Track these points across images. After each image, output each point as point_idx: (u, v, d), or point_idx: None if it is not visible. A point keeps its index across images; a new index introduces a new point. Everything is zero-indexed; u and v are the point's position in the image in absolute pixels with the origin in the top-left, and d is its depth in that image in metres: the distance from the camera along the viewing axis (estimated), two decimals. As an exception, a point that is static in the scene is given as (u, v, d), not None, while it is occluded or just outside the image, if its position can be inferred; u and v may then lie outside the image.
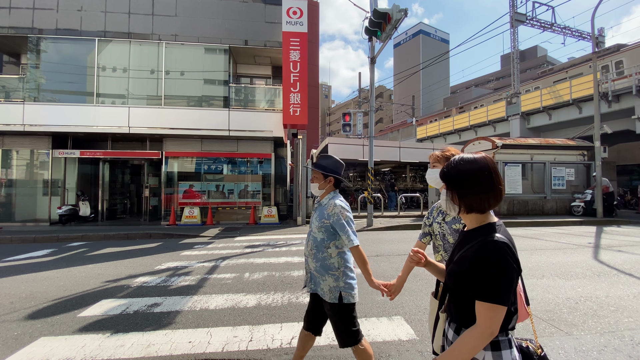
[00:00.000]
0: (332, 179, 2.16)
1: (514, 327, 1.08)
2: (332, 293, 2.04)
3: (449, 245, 1.78)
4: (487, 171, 1.10)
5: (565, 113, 18.44)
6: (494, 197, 1.09)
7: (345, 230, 2.01)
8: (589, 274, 4.73)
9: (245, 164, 12.29)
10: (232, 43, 11.31)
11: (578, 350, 2.59)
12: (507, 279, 0.99)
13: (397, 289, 1.82)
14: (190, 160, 12.10)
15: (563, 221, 10.57)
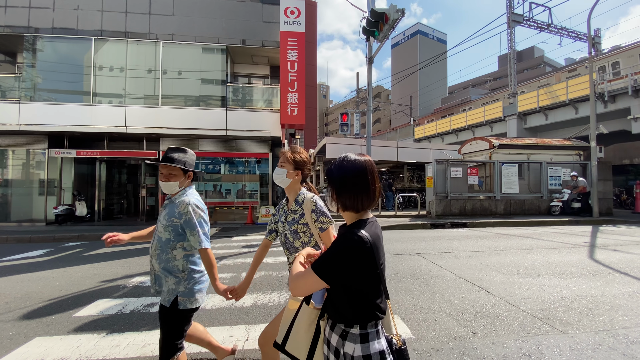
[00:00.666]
0: (192, 174, 2.05)
1: (381, 318, 1.14)
2: (167, 295, 1.91)
3: (290, 244, 1.82)
4: (364, 173, 1.16)
5: (562, 113, 18.56)
6: (367, 198, 1.17)
7: (195, 231, 1.88)
8: (584, 273, 4.76)
9: (243, 164, 12.27)
10: (229, 43, 11.30)
11: (573, 349, 2.61)
12: (336, 260, 1.08)
13: (241, 291, 1.96)
14: (187, 160, 12.05)
15: (559, 221, 10.62)
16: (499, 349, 2.63)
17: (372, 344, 1.10)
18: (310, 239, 1.80)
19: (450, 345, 2.69)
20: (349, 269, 1.08)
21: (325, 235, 1.74)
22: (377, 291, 1.14)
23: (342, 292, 1.13)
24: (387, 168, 22.46)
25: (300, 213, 1.80)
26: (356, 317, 1.12)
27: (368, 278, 1.11)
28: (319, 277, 1.09)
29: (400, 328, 3.00)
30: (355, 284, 1.11)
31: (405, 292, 3.99)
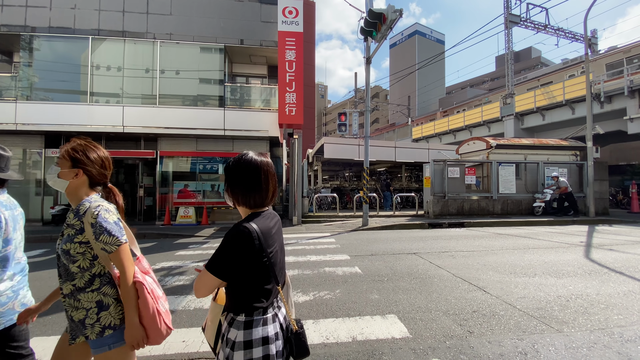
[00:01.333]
0: None
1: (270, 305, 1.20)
2: None
3: (63, 268, 1.39)
4: (257, 172, 1.22)
5: (559, 114, 18.66)
6: (259, 196, 1.24)
7: None
8: (580, 272, 4.80)
9: (241, 164, 12.24)
10: (227, 42, 11.29)
11: (568, 347, 2.63)
12: (224, 254, 1.13)
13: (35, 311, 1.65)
14: (185, 159, 12.04)
15: (556, 220, 10.68)
16: (495, 347, 2.65)
17: (256, 330, 1.14)
18: (92, 262, 1.37)
19: (447, 344, 2.71)
20: (235, 260, 1.13)
21: (115, 258, 1.35)
22: (265, 279, 1.18)
23: (231, 283, 1.17)
24: (384, 168, 22.50)
25: (79, 228, 1.36)
26: (242, 305, 1.16)
27: (255, 267, 1.15)
28: (212, 275, 1.14)
29: (397, 327, 3.02)
30: (243, 274, 1.15)
31: (403, 292, 4.01)
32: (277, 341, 1.17)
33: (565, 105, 17.94)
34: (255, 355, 1.11)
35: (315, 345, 2.72)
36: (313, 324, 3.12)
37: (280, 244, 1.30)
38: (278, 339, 1.18)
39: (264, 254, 1.16)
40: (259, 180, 1.23)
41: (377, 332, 2.94)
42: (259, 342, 1.13)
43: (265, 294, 1.18)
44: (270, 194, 1.27)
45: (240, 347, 1.11)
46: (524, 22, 22.66)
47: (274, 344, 1.15)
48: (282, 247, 1.32)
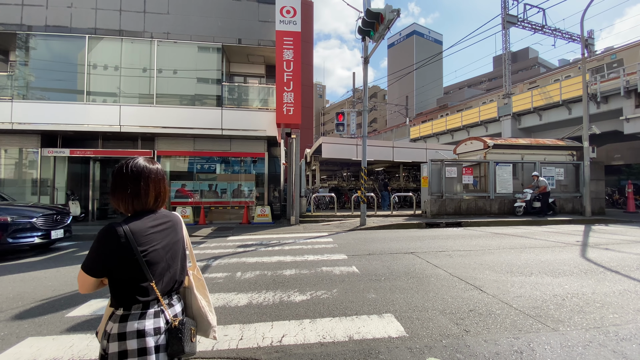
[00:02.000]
0: None
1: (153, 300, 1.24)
2: None
3: None
4: (137, 179, 1.28)
5: (555, 114, 18.73)
6: (138, 202, 1.29)
7: None
8: (576, 271, 4.82)
9: (239, 164, 12.24)
10: (225, 42, 11.26)
11: (564, 346, 2.64)
12: (93, 253, 1.19)
13: None
14: (182, 159, 12.02)
15: (553, 220, 10.73)
16: (491, 346, 2.65)
17: (131, 323, 1.18)
18: None
19: (443, 343, 2.71)
20: (102, 258, 1.19)
21: None
22: (140, 277, 1.21)
23: (109, 279, 1.23)
24: (382, 168, 22.53)
25: None
26: (120, 300, 1.21)
27: (125, 265, 1.19)
28: (84, 272, 1.20)
29: (394, 326, 3.02)
30: (115, 271, 1.20)
31: (400, 291, 4.01)
32: (158, 335, 1.21)
33: (562, 105, 18.02)
34: (129, 347, 1.16)
35: (311, 344, 2.72)
36: (310, 324, 3.12)
37: (166, 244, 1.31)
38: (159, 333, 1.21)
39: (133, 253, 1.18)
40: (139, 187, 1.28)
41: (374, 331, 2.94)
42: (133, 335, 1.17)
43: (141, 290, 1.21)
44: (152, 199, 1.32)
45: (115, 338, 1.17)
46: (521, 23, 22.74)
47: (151, 338, 1.18)
48: (170, 248, 1.33)
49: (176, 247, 1.37)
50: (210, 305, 1.51)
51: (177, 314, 1.32)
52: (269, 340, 2.80)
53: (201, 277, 1.55)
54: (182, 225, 1.47)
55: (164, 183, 1.39)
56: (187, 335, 1.24)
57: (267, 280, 4.59)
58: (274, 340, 2.80)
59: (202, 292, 1.51)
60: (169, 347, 1.22)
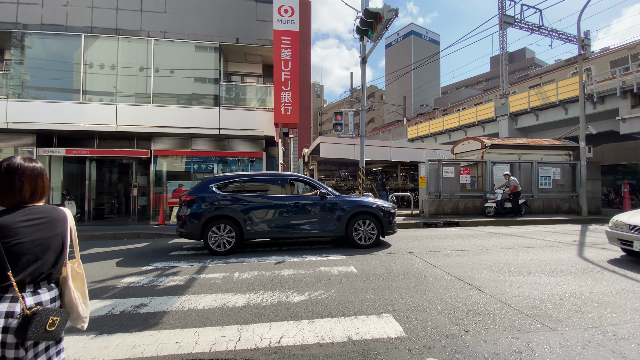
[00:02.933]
0: None
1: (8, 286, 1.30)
2: None
3: None
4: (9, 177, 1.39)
5: (552, 114, 18.83)
6: (11, 198, 1.40)
7: None
8: (574, 270, 4.83)
9: (236, 163, 12.19)
10: (222, 41, 11.21)
11: (562, 346, 2.64)
12: None
13: None
14: (179, 159, 11.95)
15: (550, 219, 10.78)
16: (490, 346, 2.65)
17: None
18: None
19: (442, 343, 2.70)
20: None
21: None
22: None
23: None
24: (380, 167, 22.55)
25: None
26: None
27: None
28: None
29: (393, 327, 3.01)
30: None
31: (398, 291, 4.00)
32: (10, 319, 1.28)
33: (559, 105, 18.11)
34: None
35: (310, 345, 2.70)
36: (308, 324, 3.09)
37: (35, 238, 1.39)
38: (11, 317, 1.29)
39: None
40: (11, 184, 1.39)
41: (373, 331, 2.93)
42: None
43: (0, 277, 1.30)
44: (27, 195, 1.43)
45: None
46: (518, 23, 22.81)
47: (2, 319, 1.27)
48: (42, 242, 1.41)
49: (49, 242, 1.45)
50: (84, 298, 1.62)
51: (41, 302, 1.40)
52: (267, 341, 2.77)
53: (80, 271, 1.65)
54: (65, 221, 1.54)
55: (42, 180, 1.48)
56: (37, 323, 1.29)
57: (265, 280, 4.56)
58: (272, 341, 2.77)
59: (78, 284, 1.61)
60: (17, 331, 1.29)
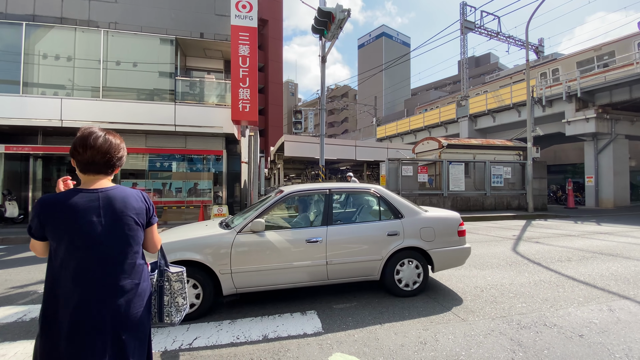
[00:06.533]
0: None
1: None
2: None
3: None
4: None
5: (507, 116, 19.89)
6: None
7: None
8: (502, 263, 5.12)
9: (195, 161, 11.84)
10: (179, 34, 10.82)
11: (466, 335, 2.78)
12: None
13: None
14: (133, 156, 11.41)
15: (499, 216, 11.38)
16: (399, 338, 2.74)
17: None
18: None
19: (355, 337, 2.76)
20: None
21: None
22: None
23: None
24: (348, 166, 22.83)
25: None
26: None
27: None
28: None
29: (313, 323, 3.04)
30: None
31: (332, 288, 4.04)
32: None
33: (513, 108, 19.17)
34: None
35: (222, 345, 2.67)
36: (229, 325, 3.05)
37: None
38: None
39: None
40: None
41: (291, 329, 2.94)
42: None
43: None
44: None
45: None
46: (478, 29, 23.90)
47: None
48: None
49: None
50: None
51: None
52: (179, 343, 2.70)
53: None
54: None
55: None
56: None
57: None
58: (184, 343, 2.71)
59: None
60: None
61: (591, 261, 5.24)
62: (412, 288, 3.70)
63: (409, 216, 3.86)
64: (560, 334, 2.79)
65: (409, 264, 3.72)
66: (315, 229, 3.58)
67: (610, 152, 15.81)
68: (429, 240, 3.78)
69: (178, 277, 1.67)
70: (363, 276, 3.65)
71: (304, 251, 3.45)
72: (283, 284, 3.43)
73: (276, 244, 3.38)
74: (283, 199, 3.70)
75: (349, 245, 3.60)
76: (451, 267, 4.04)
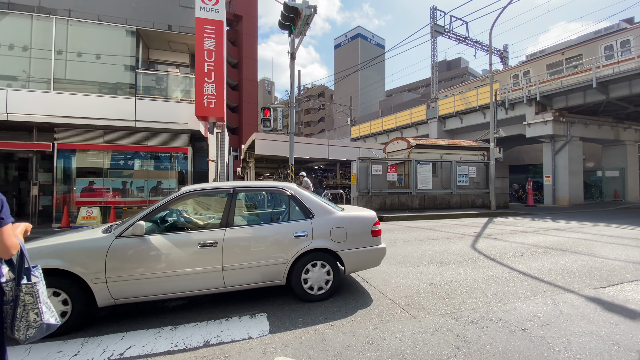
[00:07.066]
0: None
1: None
2: None
3: None
4: None
5: (474, 118, 20.68)
6: None
7: None
8: (460, 260, 5.23)
9: (159, 159, 11.32)
10: (140, 25, 10.29)
11: (414, 333, 2.75)
12: None
13: None
14: (90, 153, 10.73)
15: (463, 214, 11.75)
16: (347, 338, 2.67)
17: None
18: None
19: (301, 340, 2.66)
20: None
21: None
22: None
23: None
24: (322, 165, 22.80)
25: None
26: None
27: None
28: None
29: (260, 326, 2.91)
30: None
31: (283, 289, 3.93)
32: None
33: (479, 110, 19.95)
34: None
35: (157, 354, 2.48)
36: (170, 331, 2.86)
37: None
38: None
39: None
40: None
41: (236, 333, 2.79)
42: None
43: None
44: None
45: None
46: (447, 33, 24.69)
47: None
48: None
49: None
50: None
51: None
52: (109, 354, 2.48)
53: None
54: None
55: None
56: None
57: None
58: (115, 353, 2.49)
59: None
60: None
61: (542, 256, 5.47)
62: (320, 292, 3.50)
63: (320, 216, 3.61)
64: (505, 328, 2.84)
65: (318, 266, 3.51)
66: (210, 232, 3.26)
67: (566, 153, 16.81)
68: (340, 241, 3.57)
69: (28, 290, 1.48)
70: (267, 281, 3.38)
71: (197, 256, 3.12)
72: (171, 293, 3.08)
73: (162, 249, 3.04)
74: (177, 198, 3.39)
75: (249, 248, 3.31)
76: (365, 269, 3.86)
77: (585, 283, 4.04)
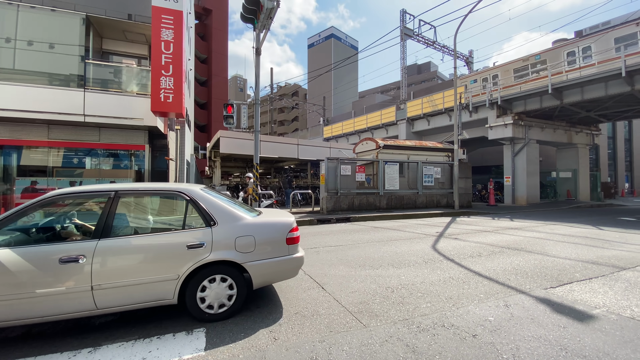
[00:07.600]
0: None
1: None
2: None
3: None
4: None
5: (440, 120, 21.28)
6: None
7: None
8: (419, 261, 5.18)
9: (112, 157, 10.52)
10: (90, 12, 9.49)
11: (362, 345, 2.59)
12: None
13: None
14: (33, 150, 9.76)
15: (428, 213, 11.96)
16: (291, 354, 2.45)
17: None
18: None
19: (240, 357, 2.40)
20: None
21: None
22: None
23: None
24: (293, 165, 22.48)
25: None
26: None
27: None
28: None
29: (195, 344, 2.62)
30: None
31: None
32: None
33: (445, 113, 20.55)
34: None
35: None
36: (88, 354, 2.49)
37: None
38: None
39: None
40: None
41: (166, 354, 2.48)
42: None
43: None
44: None
45: None
46: (416, 36, 25.23)
47: None
48: None
49: None
50: None
51: None
52: None
53: None
54: None
55: None
56: None
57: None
58: None
59: None
60: None
61: (498, 256, 5.57)
62: (222, 310, 3.06)
63: (225, 223, 3.16)
64: (456, 335, 2.74)
65: (217, 281, 3.06)
66: (75, 244, 2.78)
67: (524, 155, 17.69)
68: (247, 252, 3.14)
69: None
70: (154, 301, 2.87)
71: (57, 274, 2.61)
72: (23, 319, 2.55)
73: (9, 267, 2.52)
74: (41, 203, 2.87)
75: (128, 263, 2.82)
76: (279, 281, 3.50)
77: (537, 283, 4.10)
